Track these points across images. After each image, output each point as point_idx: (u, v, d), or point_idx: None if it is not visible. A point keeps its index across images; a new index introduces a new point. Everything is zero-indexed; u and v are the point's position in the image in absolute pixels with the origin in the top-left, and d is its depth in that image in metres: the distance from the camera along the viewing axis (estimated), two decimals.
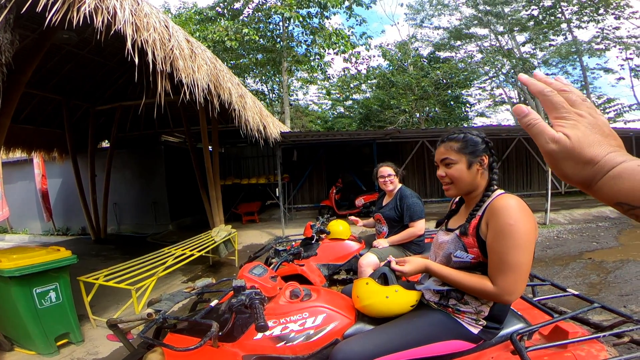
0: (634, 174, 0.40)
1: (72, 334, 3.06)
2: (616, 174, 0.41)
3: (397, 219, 2.80)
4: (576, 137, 0.44)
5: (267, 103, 16.61)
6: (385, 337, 1.34)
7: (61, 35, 4.71)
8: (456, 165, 1.35)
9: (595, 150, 0.43)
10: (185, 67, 3.78)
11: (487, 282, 1.21)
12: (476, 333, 1.33)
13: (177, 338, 1.45)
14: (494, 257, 1.20)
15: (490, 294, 1.21)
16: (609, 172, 0.42)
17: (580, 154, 0.44)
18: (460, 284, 1.28)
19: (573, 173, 0.45)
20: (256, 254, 2.80)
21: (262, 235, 7.71)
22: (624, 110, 17.55)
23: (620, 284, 4.15)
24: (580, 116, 0.46)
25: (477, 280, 1.24)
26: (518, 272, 1.16)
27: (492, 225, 1.23)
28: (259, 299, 1.27)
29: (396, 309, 1.42)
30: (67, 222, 9.83)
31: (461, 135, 1.38)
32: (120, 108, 7.71)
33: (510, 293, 1.17)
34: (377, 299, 1.42)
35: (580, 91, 0.50)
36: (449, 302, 1.37)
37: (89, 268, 3.95)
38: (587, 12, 14.91)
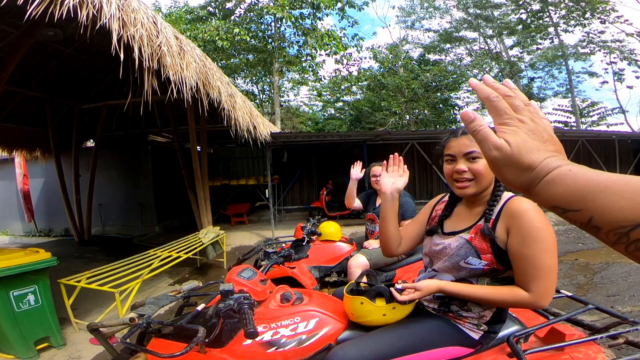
0: (565, 178, 0.42)
1: (53, 338, 2.95)
2: (550, 179, 0.43)
3: None
4: (516, 144, 0.46)
5: (257, 104, 16.49)
6: (382, 342, 1.29)
7: (46, 32, 4.60)
8: (483, 160, 1.20)
9: (533, 156, 0.45)
10: (173, 64, 3.70)
11: (519, 291, 1.15)
12: (477, 338, 1.29)
13: (162, 343, 1.39)
14: (525, 263, 1.13)
15: (525, 303, 1.15)
16: (545, 178, 0.44)
17: (519, 161, 0.46)
18: (489, 300, 1.20)
19: (513, 178, 0.47)
20: (245, 256, 2.73)
21: (252, 236, 7.62)
22: (607, 114, 18.02)
23: (606, 284, 4.21)
24: (521, 122, 0.47)
25: (508, 292, 1.16)
26: (551, 276, 1.12)
27: (516, 230, 1.15)
28: (248, 303, 1.21)
29: (391, 322, 1.38)
30: (49, 223, 9.56)
31: None
32: (106, 107, 7.55)
33: (546, 297, 1.13)
34: (374, 317, 1.37)
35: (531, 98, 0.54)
36: (450, 308, 1.31)
37: (71, 270, 3.82)
38: (574, 16, 15.26)
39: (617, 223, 0.37)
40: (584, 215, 0.41)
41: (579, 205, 0.41)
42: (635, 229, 0.36)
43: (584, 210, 0.41)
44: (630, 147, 12.21)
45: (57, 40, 5.10)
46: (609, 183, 0.40)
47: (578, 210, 0.41)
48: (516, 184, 0.47)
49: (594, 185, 0.40)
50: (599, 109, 18.17)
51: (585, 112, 18.30)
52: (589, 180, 0.41)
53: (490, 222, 1.21)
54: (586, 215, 0.41)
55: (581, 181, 0.42)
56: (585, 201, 0.40)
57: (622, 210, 0.37)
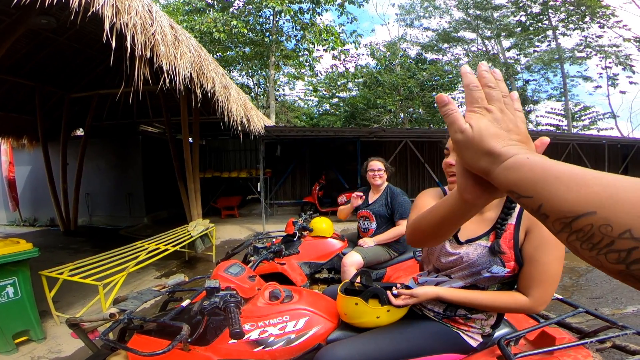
0: (522, 166, 0.44)
1: (33, 331, 2.86)
2: (509, 165, 0.46)
3: (387, 216, 2.75)
4: (478, 129, 0.49)
5: (252, 97, 16.35)
6: (373, 345, 1.25)
7: (39, 20, 4.51)
8: None
9: (493, 142, 0.47)
10: (166, 53, 3.62)
11: (520, 297, 1.13)
12: (475, 346, 1.27)
13: (144, 340, 1.34)
14: (536, 268, 1.11)
15: (524, 308, 1.14)
16: (503, 163, 0.46)
17: (479, 145, 0.48)
18: (489, 306, 1.18)
19: (473, 161, 0.50)
20: (234, 250, 2.68)
21: (242, 230, 7.55)
22: (598, 118, 18.27)
23: (591, 287, 4.27)
24: (488, 110, 0.50)
25: (509, 298, 1.15)
26: (555, 283, 1.12)
27: (535, 235, 1.12)
28: (234, 301, 1.17)
29: (383, 324, 1.35)
30: (34, 212, 9.35)
31: None
32: (97, 96, 7.41)
33: (544, 303, 1.12)
34: (367, 319, 1.33)
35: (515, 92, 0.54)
36: (457, 312, 1.27)
37: (55, 261, 3.72)
38: (574, 19, 15.36)
39: (562, 213, 0.39)
40: (535, 202, 0.42)
41: (531, 192, 0.43)
42: (576, 220, 0.37)
43: (535, 197, 0.43)
44: (620, 151, 12.41)
45: (50, 28, 4.98)
46: (560, 173, 0.41)
47: (530, 197, 0.43)
48: (475, 167, 0.50)
49: (547, 174, 0.42)
50: (590, 113, 18.42)
51: (577, 116, 18.54)
52: (544, 169, 0.43)
53: (512, 227, 1.17)
54: (537, 202, 0.42)
55: (537, 169, 0.44)
56: (537, 189, 0.42)
57: (567, 201, 0.39)
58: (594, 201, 0.37)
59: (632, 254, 0.33)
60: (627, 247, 0.34)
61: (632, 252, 0.33)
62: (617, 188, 0.36)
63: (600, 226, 0.35)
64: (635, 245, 0.33)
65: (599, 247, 0.36)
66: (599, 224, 0.36)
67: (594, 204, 0.37)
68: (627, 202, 0.35)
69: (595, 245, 0.36)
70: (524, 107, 19.84)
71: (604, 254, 0.36)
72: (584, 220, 0.37)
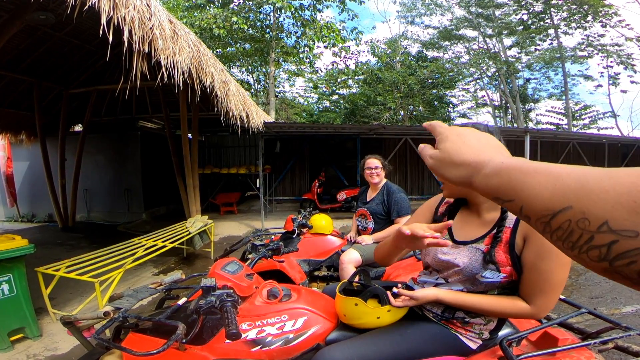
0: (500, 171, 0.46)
1: (28, 329, 2.84)
2: (487, 172, 0.48)
3: (383, 214, 2.72)
4: (445, 149, 0.55)
5: (252, 93, 16.28)
6: (372, 346, 1.23)
7: (37, 15, 4.49)
8: None
9: (464, 154, 0.52)
10: (165, 47, 3.58)
11: (521, 303, 1.09)
12: (474, 348, 1.24)
13: (140, 338, 1.31)
14: (536, 276, 1.07)
15: (525, 315, 1.10)
16: (482, 171, 0.49)
17: (451, 160, 0.54)
18: (489, 311, 1.14)
19: (453, 175, 0.54)
20: (232, 247, 2.65)
21: (240, 227, 7.53)
22: (599, 117, 18.25)
23: (590, 286, 4.26)
24: (448, 134, 0.57)
25: (509, 304, 1.11)
26: (559, 291, 1.07)
27: (534, 242, 1.07)
28: (231, 301, 1.14)
29: (384, 324, 1.32)
30: (32, 208, 9.32)
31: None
32: (95, 92, 7.39)
33: (546, 310, 1.08)
34: (368, 319, 1.30)
35: None
36: (455, 314, 1.24)
37: (52, 258, 3.70)
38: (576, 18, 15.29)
39: (540, 212, 0.39)
40: (517, 205, 0.43)
41: (512, 196, 0.43)
42: (554, 217, 0.37)
43: (516, 200, 0.43)
44: (620, 150, 12.39)
45: (48, 24, 4.96)
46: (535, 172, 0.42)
47: (512, 200, 0.44)
48: (457, 179, 0.53)
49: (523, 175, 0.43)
50: (591, 112, 18.40)
51: (577, 115, 18.52)
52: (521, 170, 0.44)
53: (508, 232, 1.14)
54: (518, 204, 0.43)
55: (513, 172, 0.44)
56: (516, 191, 0.43)
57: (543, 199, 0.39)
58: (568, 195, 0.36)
59: (613, 248, 0.32)
60: (607, 242, 0.32)
61: (612, 246, 0.32)
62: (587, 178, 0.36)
63: (577, 221, 0.34)
64: (614, 239, 0.31)
65: (579, 244, 0.35)
66: (576, 219, 0.35)
67: (569, 198, 0.36)
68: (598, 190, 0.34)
69: (576, 243, 0.35)
70: (525, 105, 19.84)
71: (585, 251, 0.34)
72: (561, 216, 0.36)
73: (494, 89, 20.38)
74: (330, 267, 2.95)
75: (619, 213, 0.31)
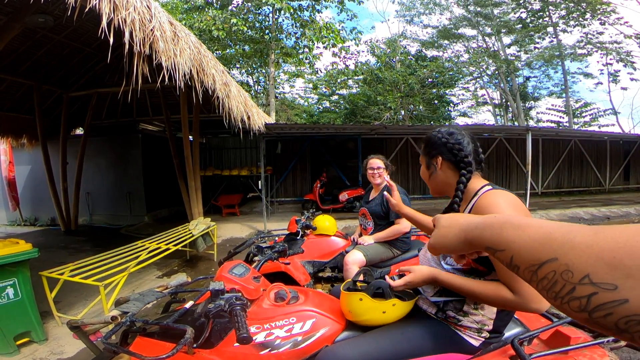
0: (492, 223, 0.53)
1: (34, 333, 2.82)
2: (481, 225, 0.56)
3: (382, 215, 2.70)
4: (433, 237, 0.68)
5: (252, 95, 16.28)
6: (374, 345, 1.23)
7: (36, 18, 4.50)
8: (422, 166, 1.35)
9: (459, 221, 0.63)
10: (166, 49, 3.56)
11: (503, 290, 1.04)
12: (477, 345, 1.22)
13: (147, 343, 1.30)
14: (500, 265, 1.04)
15: (513, 304, 1.03)
16: (476, 225, 0.57)
17: (443, 241, 0.65)
18: (472, 294, 1.11)
19: (453, 243, 0.63)
20: (236, 249, 2.64)
21: (243, 228, 7.52)
22: (599, 115, 18.23)
23: None
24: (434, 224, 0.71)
25: (492, 289, 1.06)
26: None
27: None
28: (240, 304, 1.12)
29: (393, 320, 1.31)
30: (35, 212, 9.31)
31: (426, 135, 1.34)
32: (96, 94, 7.37)
33: (537, 300, 1.00)
34: (373, 315, 1.29)
35: None
36: (446, 314, 1.24)
37: (56, 261, 3.69)
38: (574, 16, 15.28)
39: (528, 261, 0.42)
40: (507, 254, 0.47)
41: (503, 246, 0.48)
42: (540, 268, 0.40)
43: (506, 250, 0.47)
44: (621, 148, 12.36)
45: (47, 27, 4.95)
46: (526, 226, 0.46)
47: (502, 250, 0.48)
48: (458, 244, 0.62)
49: (514, 228, 0.48)
50: (591, 109, 18.38)
51: (578, 113, 18.50)
52: (512, 224, 0.49)
53: None
54: (508, 254, 0.47)
55: (505, 225, 0.50)
56: (508, 242, 0.47)
57: (532, 250, 0.42)
58: (555, 248, 0.40)
59: (592, 300, 0.34)
60: (587, 294, 0.34)
61: (592, 298, 0.34)
62: (574, 233, 0.39)
63: (562, 272, 0.37)
64: (594, 291, 0.34)
65: (561, 295, 0.37)
66: (560, 271, 0.38)
67: (555, 250, 0.39)
68: (583, 245, 0.37)
69: (558, 293, 0.37)
70: (525, 103, 19.82)
71: (567, 302, 0.36)
72: (547, 267, 0.39)
73: (494, 88, 20.38)
74: (335, 268, 2.94)
75: (600, 267, 0.34)
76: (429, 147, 1.30)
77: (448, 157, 1.24)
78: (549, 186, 11.55)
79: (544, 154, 11.08)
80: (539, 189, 11.16)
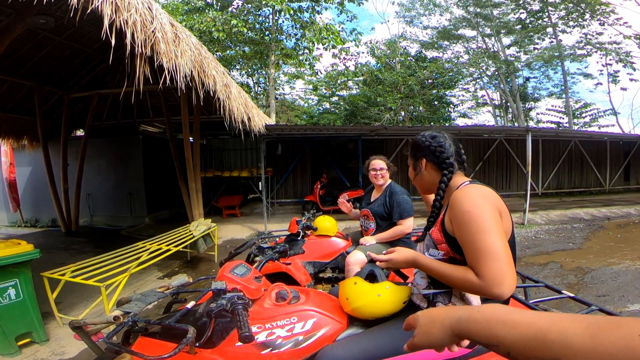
0: (476, 319, 0.54)
1: (35, 333, 2.84)
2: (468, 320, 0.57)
3: (385, 216, 2.71)
4: (417, 337, 0.73)
5: (252, 96, 16.30)
6: (373, 342, 1.26)
7: (37, 20, 4.52)
8: (410, 168, 1.47)
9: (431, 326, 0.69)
10: (167, 51, 3.57)
11: (469, 273, 1.08)
12: None
13: (149, 342, 1.31)
14: (466, 249, 1.11)
15: (477, 287, 1.07)
16: (457, 325, 0.60)
17: (428, 338, 0.69)
18: (445, 278, 1.17)
19: (437, 341, 0.67)
20: (237, 249, 2.65)
21: (244, 229, 7.52)
22: (599, 115, 18.24)
23: (596, 284, 4.23)
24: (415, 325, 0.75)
25: (460, 272, 1.11)
26: (496, 258, 1.03)
27: (453, 218, 1.16)
28: (242, 304, 1.13)
29: (389, 307, 1.34)
30: (36, 213, 9.32)
31: (412, 139, 1.46)
32: (97, 96, 7.40)
33: (499, 283, 1.02)
34: (369, 298, 1.33)
35: None
36: (436, 305, 1.28)
37: (57, 262, 3.70)
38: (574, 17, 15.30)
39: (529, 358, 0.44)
40: (503, 350, 0.47)
41: (496, 342, 0.47)
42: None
43: (501, 347, 0.47)
44: (621, 148, 12.35)
45: (48, 28, 4.97)
46: (514, 323, 0.46)
47: (496, 345, 0.48)
48: (444, 338, 0.65)
49: (503, 325, 0.48)
50: (591, 110, 18.39)
51: (578, 113, 18.50)
52: (498, 320, 0.48)
53: (442, 215, 1.27)
54: (504, 350, 0.47)
55: (492, 322, 0.49)
56: (499, 339, 0.47)
57: (530, 349, 0.43)
58: (555, 350, 0.41)
59: None
60: None
61: None
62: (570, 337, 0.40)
63: None
64: None
65: None
66: None
67: (555, 352, 0.41)
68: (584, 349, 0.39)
69: None
70: (525, 104, 19.84)
71: None
72: None
73: (493, 89, 20.40)
74: (335, 269, 2.94)
75: None
76: (414, 149, 1.42)
77: (431, 159, 1.35)
78: (549, 187, 11.55)
79: (544, 155, 11.08)
80: (540, 190, 11.16)
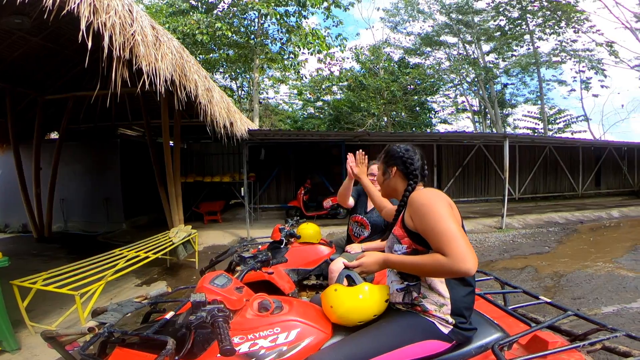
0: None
1: (5, 342, 2.72)
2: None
3: (383, 227, 2.68)
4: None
5: (235, 100, 16.15)
6: (356, 346, 1.28)
7: (12, 19, 4.37)
8: (379, 172, 1.68)
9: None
10: (147, 54, 3.50)
11: (438, 256, 1.20)
12: (446, 333, 1.30)
13: (126, 354, 1.26)
14: (431, 237, 1.25)
15: (447, 266, 1.17)
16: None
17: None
18: (417, 267, 1.28)
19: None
20: (218, 257, 2.60)
21: (225, 235, 7.41)
22: (572, 121, 19.01)
23: (572, 287, 4.37)
24: None
25: (429, 257, 1.23)
26: (456, 238, 1.18)
27: (412, 215, 1.32)
28: (222, 316, 1.10)
29: (374, 307, 1.35)
30: (5, 218, 8.91)
31: (387, 147, 1.66)
32: (72, 98, 7.17)
33: (464, 259, 1.14)
34: (351, 302, 1.34)
35: None
36: (412, 298, 1.35)
37: (28, 269, 3.54)
38: (550, 24, 15.96)
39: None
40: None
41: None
42: None
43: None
44: (593, 154, 12.91)
45: (24, 28, 4.79)
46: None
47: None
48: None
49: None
50: (565, 116, 19.16)
51: (552, 119, 19.23)
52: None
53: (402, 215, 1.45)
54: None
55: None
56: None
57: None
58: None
59: None
60: None
61: None
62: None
63: None
64: None
65: None
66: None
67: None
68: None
69: None
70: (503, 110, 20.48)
71: None
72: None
73: (473, 95, 20.98)
74: (319, 276, 2.93)
75: None
76: (388, 157, 1.60)
77: (401, 169, 1.54)
78: (525, 192, 11.92)
79: (520, 161, 11.45)
80: (516, 195, 11.50)
